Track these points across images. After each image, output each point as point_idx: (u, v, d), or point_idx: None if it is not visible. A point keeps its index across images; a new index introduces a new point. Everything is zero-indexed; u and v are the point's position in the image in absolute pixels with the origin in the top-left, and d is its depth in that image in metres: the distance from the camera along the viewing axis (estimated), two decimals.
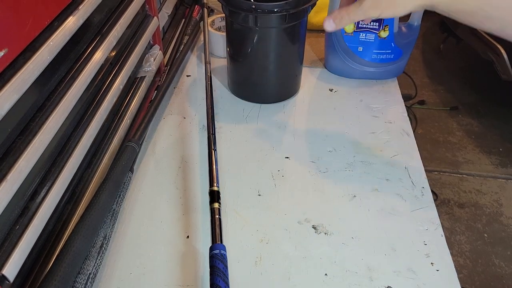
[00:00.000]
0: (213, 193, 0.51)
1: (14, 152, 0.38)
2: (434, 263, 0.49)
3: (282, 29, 0.66)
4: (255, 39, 0.68)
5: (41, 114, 0.42)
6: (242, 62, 0.73)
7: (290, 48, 0.71)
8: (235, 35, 0.71)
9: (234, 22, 0.68)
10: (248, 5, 0.64)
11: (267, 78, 0.73)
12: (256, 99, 0.75)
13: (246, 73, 0.74)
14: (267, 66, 0.71)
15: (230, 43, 0.73)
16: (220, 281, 0.40)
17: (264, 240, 0.52)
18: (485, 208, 1.57)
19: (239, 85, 0.76)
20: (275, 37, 0.68)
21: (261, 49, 0.69)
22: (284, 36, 0.68)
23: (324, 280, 0.47)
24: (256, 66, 0.72)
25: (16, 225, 0.39)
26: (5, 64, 0.36)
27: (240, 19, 0.66)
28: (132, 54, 0.64)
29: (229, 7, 0.65)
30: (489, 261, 1.39)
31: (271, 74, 0.72)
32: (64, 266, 0.40)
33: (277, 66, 0.71)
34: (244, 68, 0.73)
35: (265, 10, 0.63)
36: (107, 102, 0.56)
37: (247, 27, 0.67)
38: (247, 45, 0.69)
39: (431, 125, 1.94)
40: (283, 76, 0.74)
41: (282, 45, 0.69)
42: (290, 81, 0.76)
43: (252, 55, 0.70)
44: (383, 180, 0.60)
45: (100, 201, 0.47)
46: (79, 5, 0.48)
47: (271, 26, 0.66)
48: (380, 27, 0.75)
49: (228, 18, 0.69)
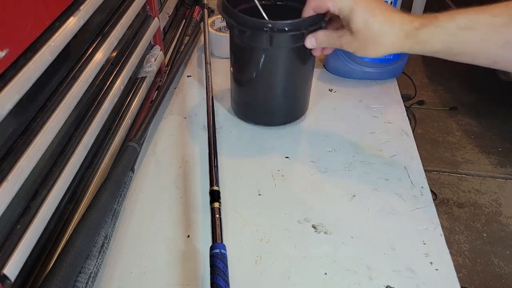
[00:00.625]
0: (214, 192, 0.51)
1: (15, 152, 0.38)
2: (433, 263, 0.49)
3: (297, 47, 0.59)
4: (266, 58, 0.61)
5: (42, 114, 0.42)
6: (248, 83, 0.66)
7: (303, 66, 0.64)
8: (241, 53, 0.64)
9: (241, 40, 0.61)
10: (261, 25, 0.56)
11: (276, 99, 0.67)
12: (263, 121, 0.69)
13: (252, 94, 0.67)
14: (277, 87, 0.65)
15: (235, 62, 0.66)
16: (221, 280, 0.41)
17: (264, 239, 0.52)
18: (484, 207, 1.57)
19: (244, 106, 0.70)
20: (288, 56, 0.61)
21: (272, 69, 0.62)
22: (298, 55, 0.61)
23: (324, 279, 0.48)
24: (265, 87, 0.65)
25: (18, 225, 0.39)
26: (6, 65, 0.36)
27: (249, 37, 0.59)
28: (133, 54, 0.64)
29: (238, 26, 0.58)
30: (488, 261, 1.39)
31: (281, 95, 0.66)
32: (65, 265, 0.40)
33: (288, 86, 0.65)
34: (250, 89, 0.67)
35: (284, 29, 0.55)
36: (108, 102, 0.56)
37: (257, 47, 0.60)
38: (255, 64, 0.63)
39: (431, 125, 1.94)
40: (294, 97, 0.68)
41: (295, 64, 0.63)
42: (300, 101, 0.69)
43: (260, 75, 0.63)
44: (383, 180, 0.60)
45: (101, 201, 0.47)
46: (80, 5, 0.48)
47: (284, 46, 0.59)
48: None
49: (233, 35, 0.62)
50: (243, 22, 0.57)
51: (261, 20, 0.57)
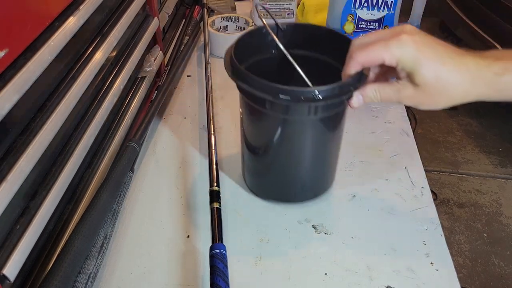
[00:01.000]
0: (213, 193, 0.51)
1: (14, 152, 0.38)
2: (433, 263, 0.49)
3: (333, 114, 0.48)
4: (286, 128, 0.49)
5: (42, 114, 0.42)
6: (263, 155, 0.53)
7: (330, 137, 0.51)
8: (256, 122, 0.51)
9: (255, 107, 0.48)
10: (301, 94, 0.42)
11: (296, 175, 0.54)
12: (280, 198, 0.56)
13: (267, 167, 0.54)
14: (299, 161, 0.52)
15: (249, 127, 0.52)
16: (220, 280, 0.41)
17: (264, 239, 0.52)
18: (484, 208, 1.57)
19: (258, 179, 0.57)
20: (320, 124, 0.49)
21: (292, 140, 0.50)
22: (331, 121, 0.49)
23: (324, 279, 0.48)
24: (283, 161, 0.52)
25: (17, 225, 0.39)
26: (6, 64, 0.36)
27: (268, 105, 0.46)
28: (133, 54, 0.64)
29: (255, 91, 0.43)
30: (488, 261, 1.39)
31: (303, 170, 0.53)
32: (64, 265, 0.40)
33: (311, 160, 0.53)
34: (265, 161, 0.54)
35: (328, 95, 0.43)
36: (108, 102, 0.56)
37: (274, 116, 0.48)
38: (273, 135, 0.50)
39: (431, 125, 1.94)
40: (317, 171, 0.55)
41: (326, 132, 0.50)
42: (325, 175, 0.56)
43: (278, 146, 0.51)
44: (383, 180, 0.60)
45: (100, 201, 0.47)
46: (80, 5, 0.48)
47: (319, 113, 0.47)
48: (380, 27, 0.75)
49: (246, 99, 0.49)
50: (274, 91, 0.43)
51: (300, 89, 0.43)
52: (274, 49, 0.53)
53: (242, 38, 0.49)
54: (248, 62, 0.51)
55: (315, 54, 0.53)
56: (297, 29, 0.53)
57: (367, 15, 0.74)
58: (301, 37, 0.53)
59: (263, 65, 0.51)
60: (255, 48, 0.52)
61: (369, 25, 0.75)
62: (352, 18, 0.75)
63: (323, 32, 0.53)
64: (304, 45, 0.53)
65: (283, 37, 0.48)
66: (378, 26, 0.75)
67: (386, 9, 0.73)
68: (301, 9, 0.94)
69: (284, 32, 0.52)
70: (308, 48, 0.53)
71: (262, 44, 0.52)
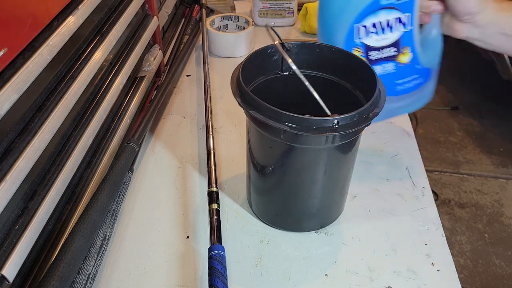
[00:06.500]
0: (212, 194, 0.51)
1: (13, 152, 0.38)
2: (434, 264, 0.49)
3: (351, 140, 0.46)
4: (295, 156, 0.46)
5: (41, 114, 0.42)
6: (272, 183, 0.50)
7: (341, 165, 0.49)
8: (263, 149, 0.48)
9: (266, 135, 0.45)
10: (322, 123, 0.40)
11: (305, 203, 0.51)
12: (287, 226, 0.53)
13: (275, 194, 0.51)
14: (307, 189, 0.49)
15: (257, 154, 0.49)
16: (219, 282, 0.40)
17: (264, 240, 0.51)
18: (485, 208, 1.57)
19: (265, 207, 0.54)
20: (325, 155, 0.46)
21: (302, 168, 0.47)
22: (337, 152, 0.47)
23: (325, 280, 0.47)
24: (291, 188, 0.49)
25: (16, 225, 0.39)
26: (4, 64, 0.36)
27: (277, 133, 0.43)
28: (132, 53, 0.64)
29: (269, 121, 0.41)
30: (489, 262, 1.39)
31: (312, 199, 0.50)
32: (63, 266, 0.40)
33: (321, 189, 0.50)
34: (272, 188, 0.51)
35: (349, 124, 0.41)
36: (107, 102, 0.56)
37: (285, 144, 0.44)
38: (282, 162, 0.47)
39: (432, 125, 1.94)
40: (327, 200, 0.52)
41: (331, 163, 0.47)
42: (334, 204, 0.53)
43: (288, 174, 0.48)
44: (384, 180, 0.59)
45: (99, 201, 0.47)
46: (79, 4, 0.48)
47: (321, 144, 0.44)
48: (399, 51, 0.57)
49: (256, 126, 0.46)
50: (292, 121, 0.40)
51: (319, 118, 0.40)
52: (280, 69, 0.52)
53: (247, 61, 0.47)
54: (253, 85, 0.49)
55: (319, 73, 0.52)
56: (303, 49, 0.51)
57: (377, 42, 0.56)
58: (307, 57, 0.52)
59: (269, 86, 0.50)
60: (260, 69, 0.50)
61: (383, 52, 0.56)
62: (360, 51, 0.55)
63: (331, 51, 0.51)
64: (310, 65, 0.52)
65: (289, 57, 0.46)
66: (397, 50, 0.56)
67: (401, 27, 0.55)
68: (304, 13, 0.93)
69: (290, 52, 0.50)
70: (314, 68, 0.52)
71: (267, 65, 0.51)
